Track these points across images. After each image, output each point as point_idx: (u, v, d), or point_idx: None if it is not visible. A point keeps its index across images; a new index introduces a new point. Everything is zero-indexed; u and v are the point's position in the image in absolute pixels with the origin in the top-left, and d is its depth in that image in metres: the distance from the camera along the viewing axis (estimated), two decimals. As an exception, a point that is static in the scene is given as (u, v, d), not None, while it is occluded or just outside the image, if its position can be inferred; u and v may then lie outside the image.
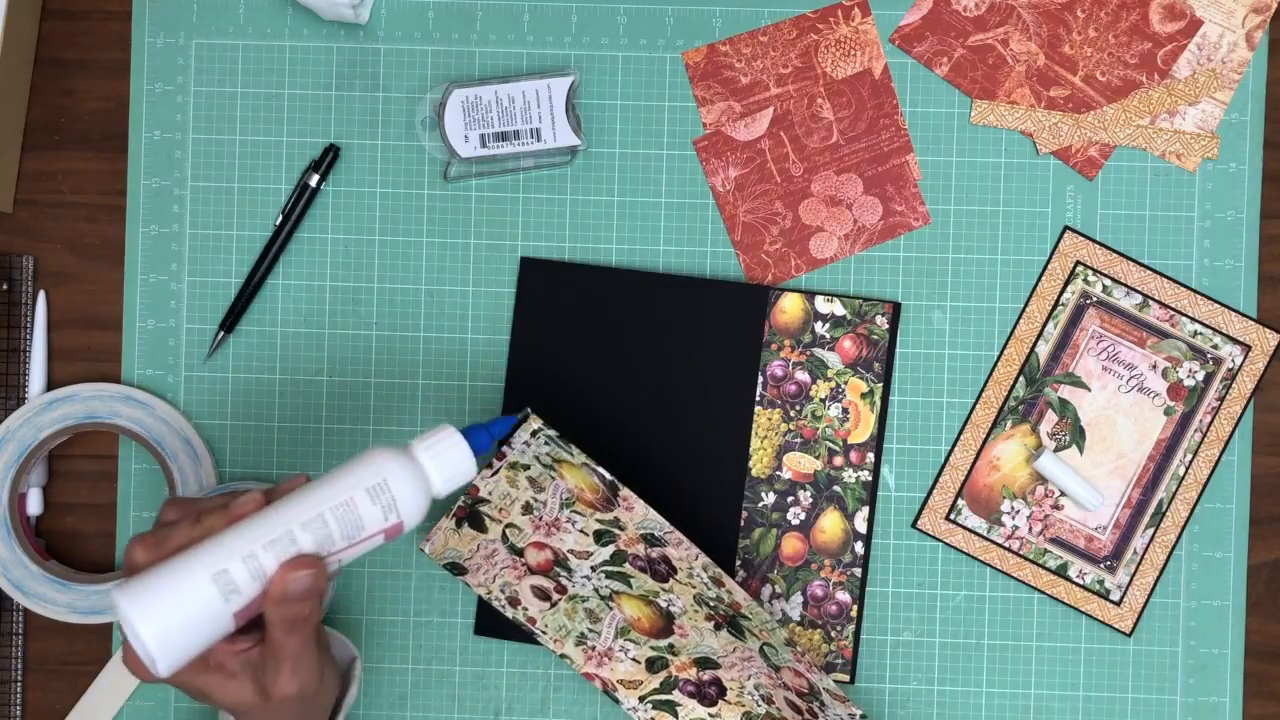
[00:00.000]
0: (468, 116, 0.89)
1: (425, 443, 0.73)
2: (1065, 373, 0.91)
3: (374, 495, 0.71)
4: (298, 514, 0.70)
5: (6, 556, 0.90)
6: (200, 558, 0.68)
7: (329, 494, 0.70)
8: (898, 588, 0.92)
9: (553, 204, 0.92)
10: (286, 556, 0.69)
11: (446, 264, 0.92)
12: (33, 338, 0.92)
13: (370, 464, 0.71)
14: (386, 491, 0.71)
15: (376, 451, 0.72)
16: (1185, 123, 0.92)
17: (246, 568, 0.68)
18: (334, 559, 0.71)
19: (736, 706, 0.81)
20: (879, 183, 0.92)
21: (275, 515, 0.70)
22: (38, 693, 0.92)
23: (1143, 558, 0.91)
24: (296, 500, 0.70)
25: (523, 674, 0.92)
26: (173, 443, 0.91)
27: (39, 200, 0.93)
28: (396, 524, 0.72)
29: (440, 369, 0.92)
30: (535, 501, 0.86)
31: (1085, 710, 0.91)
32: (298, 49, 0.92)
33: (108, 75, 0.93)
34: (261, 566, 0.68)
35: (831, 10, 0.92)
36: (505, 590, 0.85)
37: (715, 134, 0.92)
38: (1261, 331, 0.91)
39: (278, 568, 0.69)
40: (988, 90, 0.92)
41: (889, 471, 0.92)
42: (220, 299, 0.92)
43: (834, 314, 0.91)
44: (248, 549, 0.68)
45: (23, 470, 0.90)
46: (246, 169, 0.92)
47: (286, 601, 0.69)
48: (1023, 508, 0.91)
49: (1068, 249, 0.92)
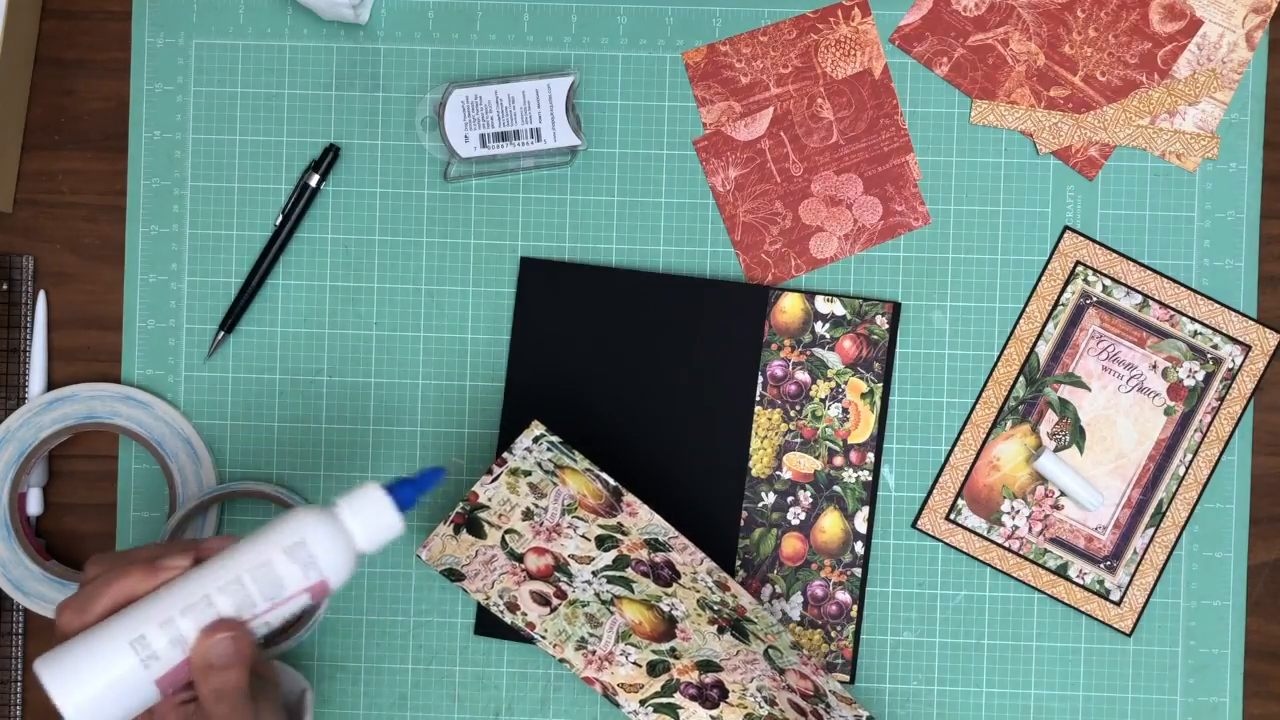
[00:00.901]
0: (468, 116, 0.89)
1: (347, 500, 0.73)
2: (1065, 373, 0.91)
3: (292, 554, 0.70)
4: (215, 578, 0.69)
5: (6, 556, 0.90)
6: (119, 624, 0.68)
7: (247, 556, 0.70)
8: (898, 588, 0.92)
9: (553, 204, 0.92)
10: (205, 621, 0.68)
11: (446, 264, 0.92)
12: (33, 338, 0.92)
13: (289, 524, 0.71)
14: (304, 549, 0.70)
15: (298, 511, 0.71)
16: (1185, 123, 0.92)
17: (165, 634, 0.68)
18: (258, 621, 0.70)
19: (739, 708, 0.81)
20: (879, 183, 0.92)
21: (194, 580, 0.69)
22: (38, 693, 0.92)
23: (1143, 558, 0.91)
24: (216, 564, 0.70)
25: (523, 674, 0.92)
26: (173, 443, 0.91)
27: (39, 200, 0.93)
28: (319, 582, 0.71)
29: (440, 369, 0.92)
30: (536, 507, 0.86)
31: (1085, 710, 0.91)
32: (298, 49, 0.92)
33: (108, 75, 0.93)
34: (180, 632, 0.68)
35: (831, 10, 0.92)
36: (504, 596, 0.85)
37: (715, 134, 0.92)
38: (1261, 331, 0.91)
39: (197, 634, 0.68)
40: (988, 90, 0.92)
41: (889, 471, 0.92)
42: (220, 299, 0.92)
43: (834, 314, 0.91)
44: (165, 615, 0.68)
45: (23, 470, 0.90)
46: (246, 169, 0.92)
47: (211, 670, 0.68)
48: (1023, 508, 0.91)
49: (1068, 249, 0.92)
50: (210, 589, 0.69)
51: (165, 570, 0.69)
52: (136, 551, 0.71)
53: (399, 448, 0.92)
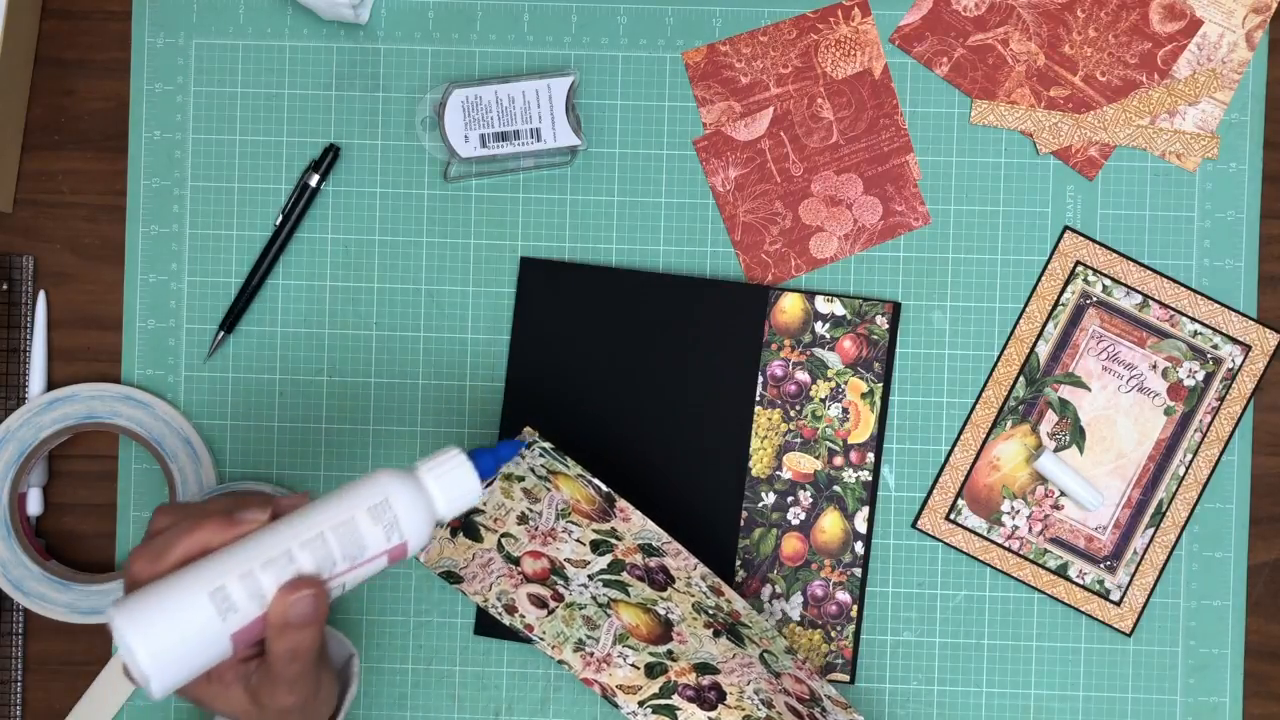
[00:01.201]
0: (468, 116, 0.89)
1: (430, 464, 0.72)
2: (1065, 373, 0.91)
3: (376, 515, 0.69)
4: (297, 534, 0.68)
5: (6, 556, 0.90)
6: (198, 574, 0.66)
7: (330, 513, 0.69)
8: (898, 588, 0.92)
9: (553, 204, 0.92)
10: (285, 577, 0.67)
11: (446, 264, 0.92)
12: (33, 338, 0.92)
13: (373, 484, 0.70)
14: (389, 511, 0.69)
15: (380, 472, 0.70)
16: (1185, 123, 0.92)
17: (245, 586, 0.66)
18: (336, 581, 0.69)
19: (736, 710, 0.81)
20: (879, 183, 0.92)
21: (275, 534, 0.68)
22: (38, 693, 0.92)
23: (1143, 558, 0.91)
24: (297, 519, 0.69)
25: (523, 674, 0.92)
26: (173, 443, 0.91)
27: (39, 200, 0.93)
28: (400, 545, 0.70)
29: (440, 369, 0.92)
30: (530, 512, 0.86)
31: (1085, 710, 0.91)
32: (298, 49, 0.92)
33: (108, 75, 0.93)
34: (260, 587, 0.67)
35: (831, 10, 0.92)
36: (501, 598, 0.85)
37: (715, 134, 0.92)
38: (1261, 331, 0.91)
39: (277, 590, 0.67)
40: (988, 90, 0.92)
41: (889, 471, 0.92)
42: (220, 299, 0.92)
43: (834, 314, 0.91)
44: (245, 567, 0.67)
45: (23, 470, 0.90)
46: (246, 169, 0.92)
47: (288, 628, 0.67)
48: (1023, 508, 0.91)
49: (1068, 249, 0.92)
50: (292, 544, 0.67)
51: (243, 524, 0.68)
52: (210, 503, 0.70)
53: (399, 448, 0.92)
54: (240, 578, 0.66)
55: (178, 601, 0.65)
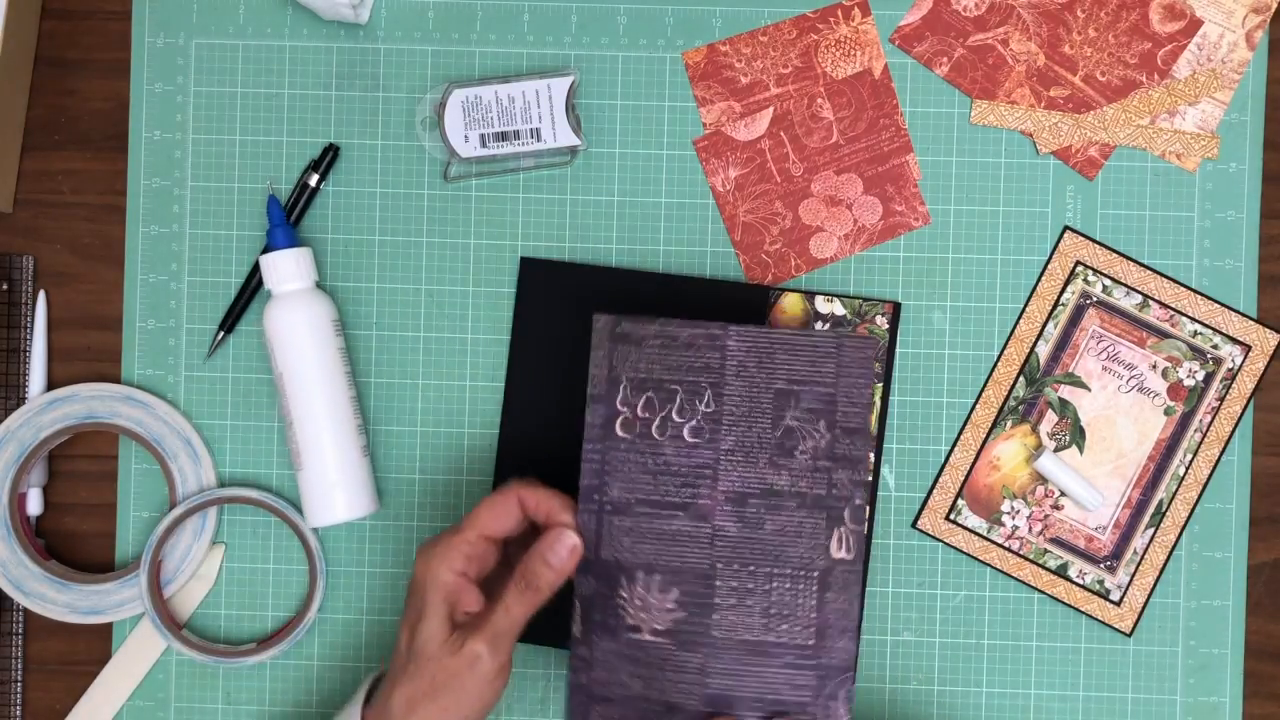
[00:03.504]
0: (468, 116, 0.89)
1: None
2: (1065, 373, 0.91)
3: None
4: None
5: (6, 556, 0.90)
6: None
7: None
8: (898, 588, 0.92)
9: (553, 204, 0.92)
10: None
11: (446, 264, 0.92)
12: (33, 338, 0.92)
13: None
14: None
15: None
16: (1185, 123, 0.92)
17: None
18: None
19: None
20: (879, 183, 0.92)
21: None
22: (38, 693, 0.92)
23: (1143, 558, 0.91)
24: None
25: (523, 674, 0.92)
26: (173, 443, 0.91)
27: (39, 200, 0.93)
28: None
29: (440, 369, 0.92)
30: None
31: (1085, 710, 0.91)
32: (298, 49, 0.92)
33: (108, 75, 0.93)
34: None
35: (831, 10, 0.92)
36: None
37: (715, 134, 0.92)
38: (1261, 331, 0.91)
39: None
40: (988, 90, 0.92)
41: (889, 471, 0.92)
42: (220, 299, 0.92)
43: (834, 314, 0.91)
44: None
45: (23, 470, 0.90)
46: (246, 169, 0.92)
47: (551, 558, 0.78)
48: (1023, 508, 0.91)
49: (1068, 249, 0.92)
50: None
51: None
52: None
53: (399, 448, 0.92)
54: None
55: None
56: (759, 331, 0.77)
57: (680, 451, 0.77)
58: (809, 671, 0.77)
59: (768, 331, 0.77)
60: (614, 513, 0.78)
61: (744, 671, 0.77)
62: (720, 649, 0.77)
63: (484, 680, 0.77)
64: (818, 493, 0.77)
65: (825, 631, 0.77)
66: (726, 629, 0.77)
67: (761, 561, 0.77)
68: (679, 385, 0.78)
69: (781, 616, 0.77)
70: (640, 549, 0.77)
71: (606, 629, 0.78)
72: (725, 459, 0.77)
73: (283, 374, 0.87)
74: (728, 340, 0.77)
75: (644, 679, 0.77)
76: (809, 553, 0.77)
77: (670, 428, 0.78)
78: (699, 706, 0.77)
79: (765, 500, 0.77)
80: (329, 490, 0.87)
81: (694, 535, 0.77)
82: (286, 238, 0.88)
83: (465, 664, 0.77)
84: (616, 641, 0.78)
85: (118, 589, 0.90)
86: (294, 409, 0.87)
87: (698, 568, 0.77)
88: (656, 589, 0.77)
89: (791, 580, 0.77)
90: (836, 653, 0.77)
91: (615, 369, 0.79)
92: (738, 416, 0.77)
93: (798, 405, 0.77)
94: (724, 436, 0.77)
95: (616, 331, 0.79)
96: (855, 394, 0.78)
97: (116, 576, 0.90)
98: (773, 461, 0.77)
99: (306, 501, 0.88)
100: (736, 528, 0.77)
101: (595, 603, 0.78)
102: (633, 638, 0.78)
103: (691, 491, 0.77)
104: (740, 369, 0.77)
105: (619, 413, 0.78)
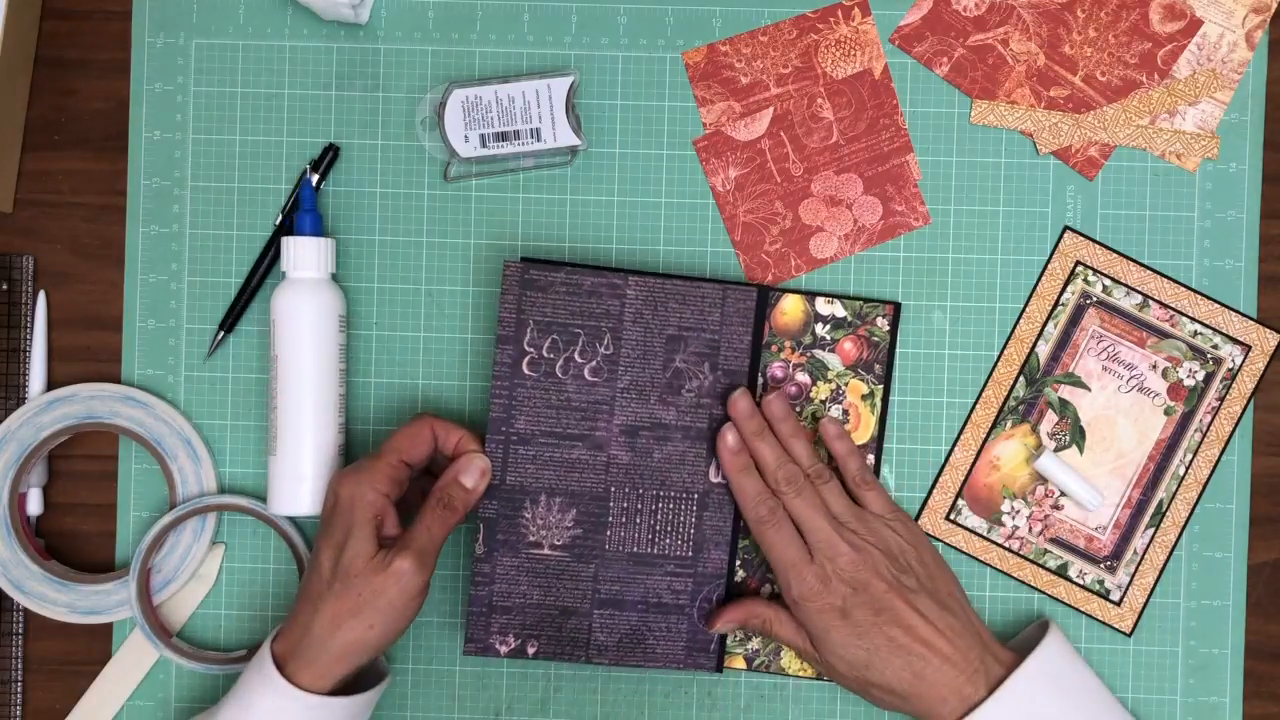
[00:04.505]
0: (468, 116, 0.89)
1: None
2: (1065, 373, 0.91)
3: None
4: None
5: (6, 556, 0.90)
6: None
7: None
8: (898, 588, 0.92)
9: (553, 204, 0.92)
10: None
11: (446, 264, 0.92)
12: (33, 338, 0.92)
13: None
14: None
15: None
16: (1185, 123, 0.92)
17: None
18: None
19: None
20: (879, 183, 0.92)
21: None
22: (38, 693, 0.92)
23: (1143, 558, 0.91)
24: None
25: (523, 674, 0.92)
26: (173, 443, 0.91)
27: (39, 200, 0.93)
28: None
29: (440, 369, 0.92)
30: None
31: (1085, 710, 0.91)
32: (298, 49, 0.92)
33: (108, 75, 0.93)
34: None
35: (831, 10, 0.92)
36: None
37: (715, 134, 0.92)
38: (1261, 331, 0.91)
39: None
40: (988, 90, 0.92)
41: (889, 471, 0.92)
42: (220, 299, 0.92)
43: (834, 315, 0.91)
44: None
45: (23, 470, 0.90)
46: (246, 169, 0.92)
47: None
48: (1023, 508, 0.91)
49: (1068, 249, 0.92)
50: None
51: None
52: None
53: (399, 448, 0.92)
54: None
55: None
56: (655, 281, 0.87)
57: (581, 389, 0.87)
58: (686, 578, 0.88)
59: (663, 282, 0.87)
60: (519, 443, 0.87)
61: (631, 579, 0.88)
62: (611, 560, 0.88)
63: (408, 596, 0.80)
64: (700, 426, 0.88)
65: (702, 545, 0.88)
66: (617, 543, 0.88)
67: (649, 485, 0.88)
68: (581, 329, 0.87)
69: (665, 532, 0.88)
70: (543, 475, 0.87)
71: (509, 546, 0.87)
72: (621, 396, 0.87)
73: (278, 357, 0.87)
74: (627, 289, 0.87)
75: (543, 588, 0.88)
76: (690, 478, 0.88)
77: (573, 367, 0.87)
78: (591, 608, 0.88)
79: (654, 432, 0.88)
80: (298, 482, 0.87)
81: (591, 463, 0.87)
82: (314, 224, 0.89)
83: (393, 580, 0.80)
84: (518, 557, 0.87)
85: (117, 589, 0.90)
86: (281, 394, 0.87)
87: (594, 491, 0.88)
88: (557, 509, 0.87)
89: (675, 501, 0.88)
90: (711, 562, 0.88)
91: (524, 313, 0.86)
92: (633, 358, 0.87)
93: (686, 349, 0.87)
94: (620, 376, 0.87)
95: (525, 278, 0.86)
96: (735, 340, 0.87)
97: (116, 577, 0.90)
98: (662, 399, 0.87)
99: (274, 488, 0.88)
100: (629, 456, 0.88)
101: (499, 524, 0.87)
102: (534, 553, 0.87)
103: (590, 424, 0.87)
104: (637, 316, 0.87)
105: (526, 353, 0.86)
